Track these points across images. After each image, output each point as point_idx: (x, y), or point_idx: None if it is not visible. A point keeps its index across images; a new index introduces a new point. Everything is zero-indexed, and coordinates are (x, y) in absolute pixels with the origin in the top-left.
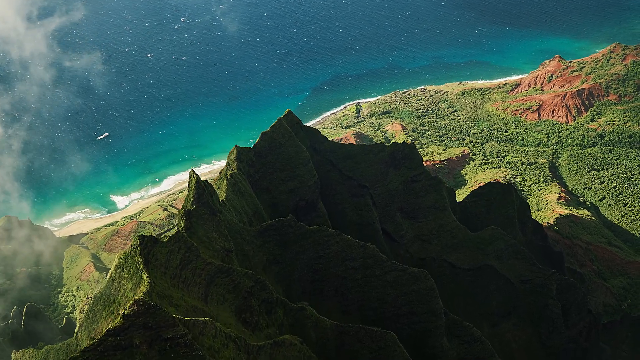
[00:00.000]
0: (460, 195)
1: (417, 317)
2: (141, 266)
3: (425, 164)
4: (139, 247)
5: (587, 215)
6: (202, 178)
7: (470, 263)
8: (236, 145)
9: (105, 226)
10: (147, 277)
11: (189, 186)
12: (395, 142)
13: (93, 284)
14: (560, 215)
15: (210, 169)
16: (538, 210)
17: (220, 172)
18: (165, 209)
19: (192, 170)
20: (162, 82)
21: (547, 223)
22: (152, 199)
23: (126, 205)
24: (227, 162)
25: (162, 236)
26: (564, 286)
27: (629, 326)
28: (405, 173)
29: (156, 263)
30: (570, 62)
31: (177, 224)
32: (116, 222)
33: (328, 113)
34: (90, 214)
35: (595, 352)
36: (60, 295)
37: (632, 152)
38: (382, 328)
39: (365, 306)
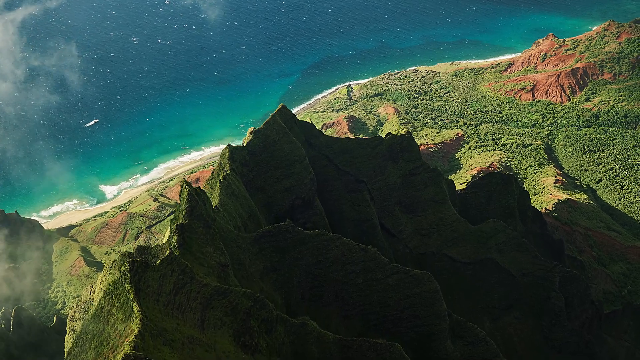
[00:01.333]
0: (456, 179)
1: (421, 321)
2: (132, 296)
3: (420, 148)
4: (128, 275)
5: (585, 199)
6: (192, 166)
7: (471, 257)
8: (229, 145)
9: (95, 217)
10: (138, 311)
11: (180, 196)
12: (392, 135)
13: (83, 279)
14: (559, 200)
15: (201, 155)
16: (535, 194)
17: (213, 172)
18: (155, 199)
19: (184, 180)
20: (148, 67)
21: (546, 209)
22: (141, 187)
23: (115, 195)
24: (220, 162)
25: (152, 228)
26: (567, 278)
27: (630, 315)
28: (403, 166)
29: (148, 290)
30: (564, 40)
31: (169, 240)
32: (106, 212)
33: (319, 96)
34: (79, 205)
35: (597, 343)
36: (50, 291)
37: (628, 133)
38: (384, 332)
39: (367, 311)
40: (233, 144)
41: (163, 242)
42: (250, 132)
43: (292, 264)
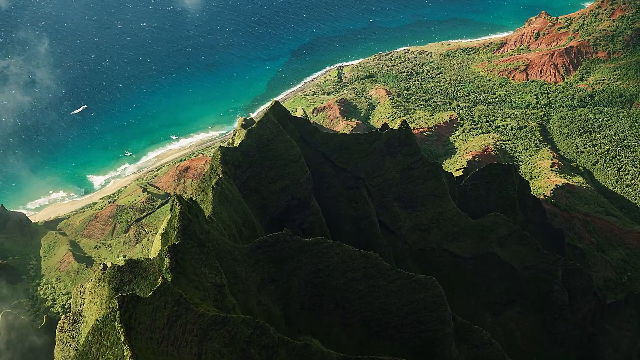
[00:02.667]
0: (452, 164)
1: (425, 326)
2: (122, 337)
3: (414, 132)
4: (118, 312)
5: (582, 183)
6: (182, 153)
7: (471, 252)
8: (220, 147)
9: (83, 209)
10: (130, 357)
11: (172, 212)
12: (390, 129)
13: (73, 275)
14: (557, 185)
15: (190, 143)
16: (532, 178)
17: (204, 175)
18: (144, 190)
19: (175, 195)
20: (133, 52)
21: (545, 196)
22: (130, 177)
23: (103, 185)
24: (212, 165)
25: (142, 221)
26: (570, 271)
27: (633, 304)
28: (402, 161)
29: (140, 328)
30: (557, 18)
31: (160, 256)
32: (94, 203)
33: (309, 78)
34: (66, 196)
35: (600, 335)
36: (39, 288)
37: (623, 112)
38: (387, 339)
39: (369, 318)
40: (222, 131)
41: (153, 252)
42: (241, 123)
43: (291, 273)
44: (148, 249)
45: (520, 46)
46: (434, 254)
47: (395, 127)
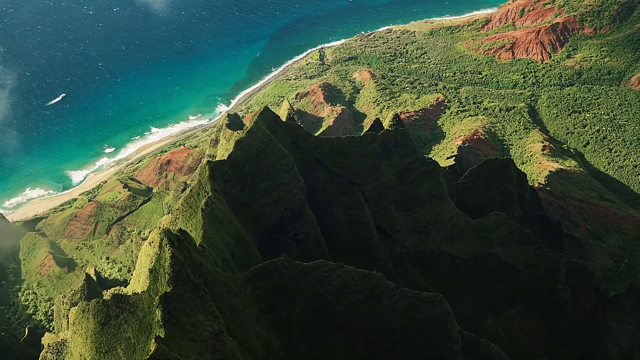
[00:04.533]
0: (441, 150)
1: (431, 345)
2: None
3: (401, 117)
4: None
5: (575, 166)
6: (162, 144)
7: (472, 253)
8: (208, 161)
9: (62, 205)
10: None
11: (160, 249)
12: (386, 130)
13: (54, 280)
14: (550, 172)
15: (170, 133)
16: (523, 163)
17: (192, 190)
18: (125, 186)
19: (164, 232)
20: (106, 38)
21: (539, 183)
22: (109, 170)
23: (82, 180)
24: (199, 181)
25: (124, 220)
26: (573, 269)
27: (633, 297)
28: (398, 162)
29: None
30: None
31: (149, 301)
32: (74, 200)
33: (290, 62)
34: (44, 192)
35: (602, 331)
36: (20, 294)
37: (612, 90)
38: (392, 358)
39: (373, 339)
40: (203, 121)
41: (139, 283)
42: (226, 122)
43: (291, 300)
44: (132, 251)
45: (505, 23)
46: (432, 256)
47: (387, 121)
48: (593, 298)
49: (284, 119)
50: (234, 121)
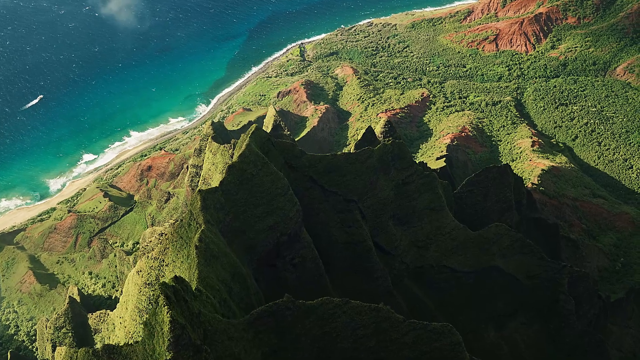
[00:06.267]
0: (430, 149)
1: None
2: None
3: (386, 115)
4: None
5: (565, 162)
6: (142, 148)
7: (473, 266)
8: (199, 190)
9: (40, 215)
10: None
11: (157, 309)
12: (383, 144)
13: (36, 298)
14: (542, 170)
15: (149, 136)
16: (514, 160)
17: (182, 220)
18: (105, 194)
19: (164, 300)
20: (78, 40)
21: (533, 184)
22: (88, 177)
23: (60, 189)
24: (190, 212)
25: (106, 231)
26: (575, 278)
27: (633, 300)
28: (396, 176)
29: None
30: None
31: (144, 355)
32: (52, 209)
33: (270, 58)
34: (21, 202)
35: (605, 338)
36: (0, 313)
37: (598, 81)
38: None
39: None
40: (183, 122)
41: (132, 332)
42: (211, 134)
43: (295, 341)
44: (115, 266)
45: (487, 14)
46: (432, 271)
47: (378, 128)
48: (595, 305)
49: (270, 127)
50: (218, 130)
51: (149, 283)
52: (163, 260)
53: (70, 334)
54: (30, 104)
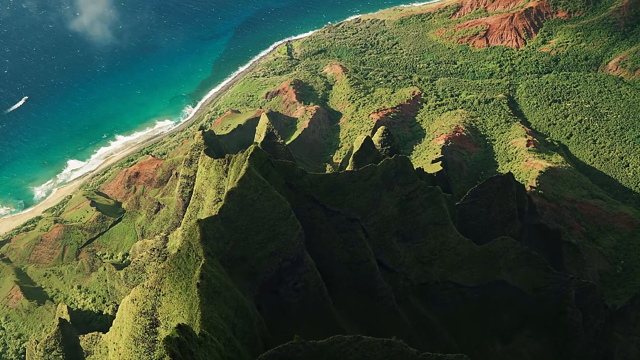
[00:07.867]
0: (423, 151)
1: None
2: None
3: (378, 116)
4: None
5: (562, 162)
6: (129, 152)
7: (478, 280)
8: (198, 220)
9: (26, 225)
10: None
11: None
12: (386, 160)
13: (23, 314)
14: (540, 172)
15: (136, 140)
16: (509, 161)
17: (179, 251)
18: (92, 203)
19: (165, 348)
20: (58, 42)
21: (531, 187)
22: (74, 183)
23: (45, 196)
24: (189, 242)
25: (94, 242)
26: (582, 289)
27: (638, 307)
28: (399, 192)
29: None
30: None
31: None
32: (38, 218)
33: (257, 57)
34: (4, 211)
35: (612, 347)
36: None
37: (591, 76)
38: None
39: None
40: (170, 125)
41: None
42: (204, 147)
43: None
44: (105, 280)
45: (477, 9)
46: (437, 287)
47: (377, 136)
48: (602, 316)
49: (263, 135)
50: (209, 140)
51: (145, 312)
52: (160, 290)
53: (61, 356)
54: (15, 107)
